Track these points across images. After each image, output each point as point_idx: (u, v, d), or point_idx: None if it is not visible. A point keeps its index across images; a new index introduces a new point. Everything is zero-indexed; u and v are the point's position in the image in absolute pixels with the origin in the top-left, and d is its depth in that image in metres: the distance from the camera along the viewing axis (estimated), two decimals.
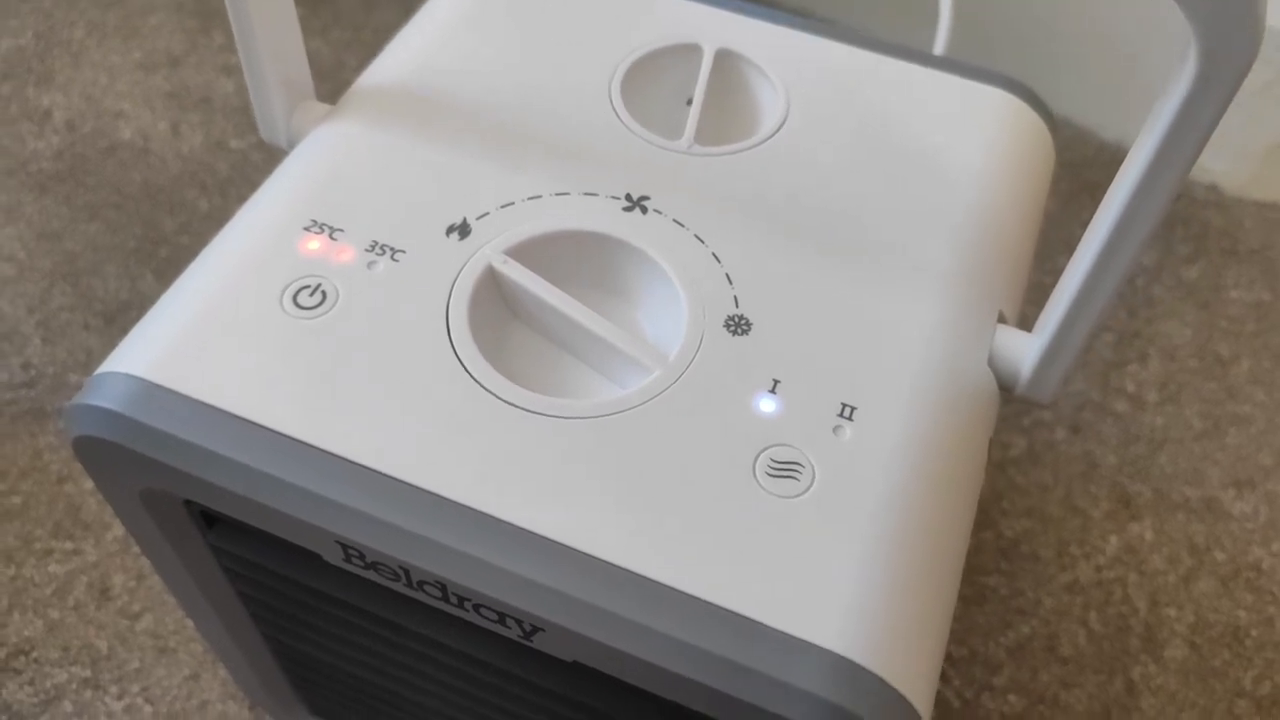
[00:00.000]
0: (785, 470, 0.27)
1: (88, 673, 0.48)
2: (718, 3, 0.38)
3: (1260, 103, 0.66)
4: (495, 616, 0.26)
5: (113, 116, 0.69)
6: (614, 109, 0.35)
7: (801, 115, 0.35)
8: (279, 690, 0.42)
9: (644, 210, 0.32)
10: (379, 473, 0.26)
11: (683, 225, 0.32)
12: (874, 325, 0.30)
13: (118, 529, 0.52)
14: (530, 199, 0.32)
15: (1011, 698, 0.49)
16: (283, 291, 0.29)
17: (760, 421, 0.28)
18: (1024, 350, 0.31)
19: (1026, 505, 0.55)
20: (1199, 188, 0.70)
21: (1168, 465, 0.57)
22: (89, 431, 0.28)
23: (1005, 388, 0.31)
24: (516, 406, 0.27)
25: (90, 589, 0.50)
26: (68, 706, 0.47)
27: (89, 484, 0.53)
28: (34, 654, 0.48)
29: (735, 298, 0.30)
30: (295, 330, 0.28)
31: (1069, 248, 0.65)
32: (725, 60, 0.37)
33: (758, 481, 0.27)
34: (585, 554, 0.25)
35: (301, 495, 0.26)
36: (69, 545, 0.51)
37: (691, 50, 0.37)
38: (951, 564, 0.28)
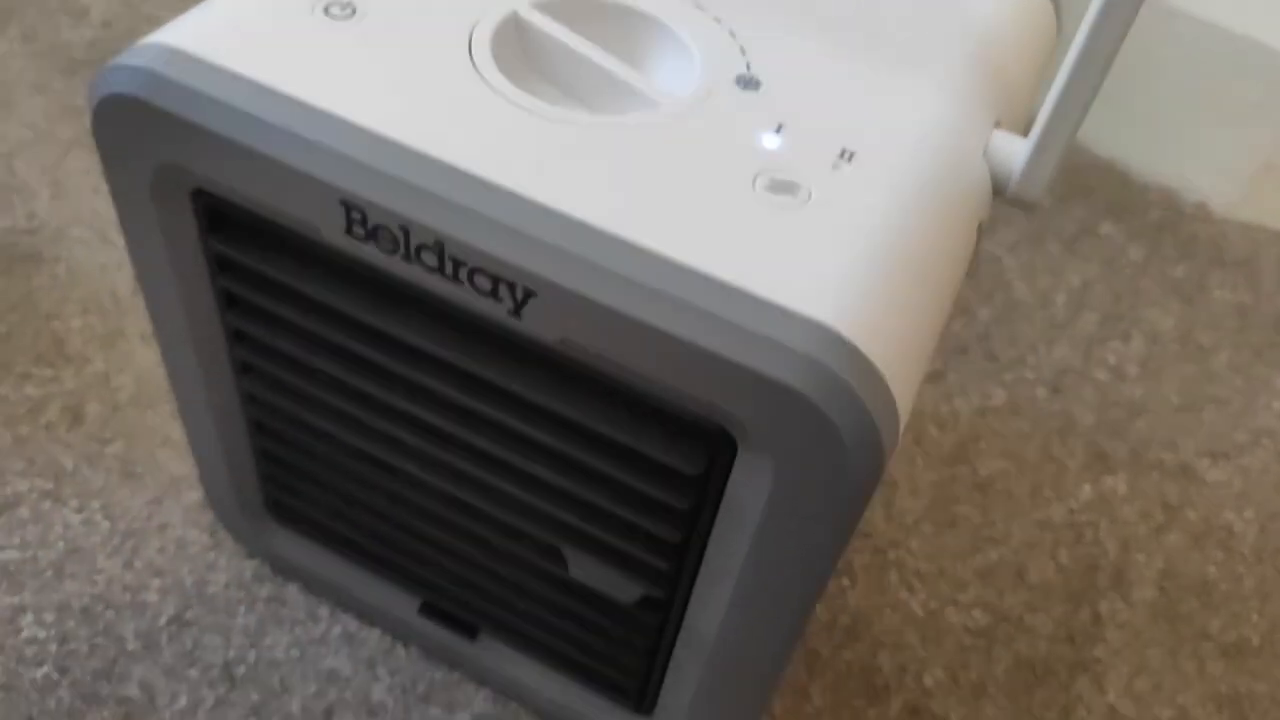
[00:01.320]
0: (782, 188, 0.28)
1: (49, 485, 0.47)
2: None
3: (1249, 122, 0.68)
4: (489, 286, 0.27)
5: (146, 20, 0.71)
6: None
7: None
8: (245, 489, 0.42)
9: None
10: (389, 138, 0.27)
11: (701, 7, 0.33)
12: (879, 98, 0.31)
13: (98, 363, 0.52)
14: None
15: (976, 614, 0.49)
16: (317, 3, 0.30)
17: (762, 151, 0.29)
18: (1016, 151, 0.32)
19: (1003, 448, 0.55)
20: (1187, 204, 0.72)
21: (1145, 431, 0.58)
22: (123, 89, 0.28)
23: (999, 190, 0.33)
24: (526, 110, 0.28)
25: (64, 413, 0.50)
26: (24, 513, 0.46)
27: (75, 321, 0.53)
28: None
29: (748, 63, 0.31)
30: (325, 28, 0.30)
31: (1061, 236, 0.67)
32: None
33: (754, 192, 0.27)
34: (582, 220, 0.26)
35: (315, 150, 0.27)
36: (49, 372, 0.51)
37: None
38: (932, 287, 0.28)
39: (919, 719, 0.45)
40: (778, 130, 0.29)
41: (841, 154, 0.29)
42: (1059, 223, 0.68)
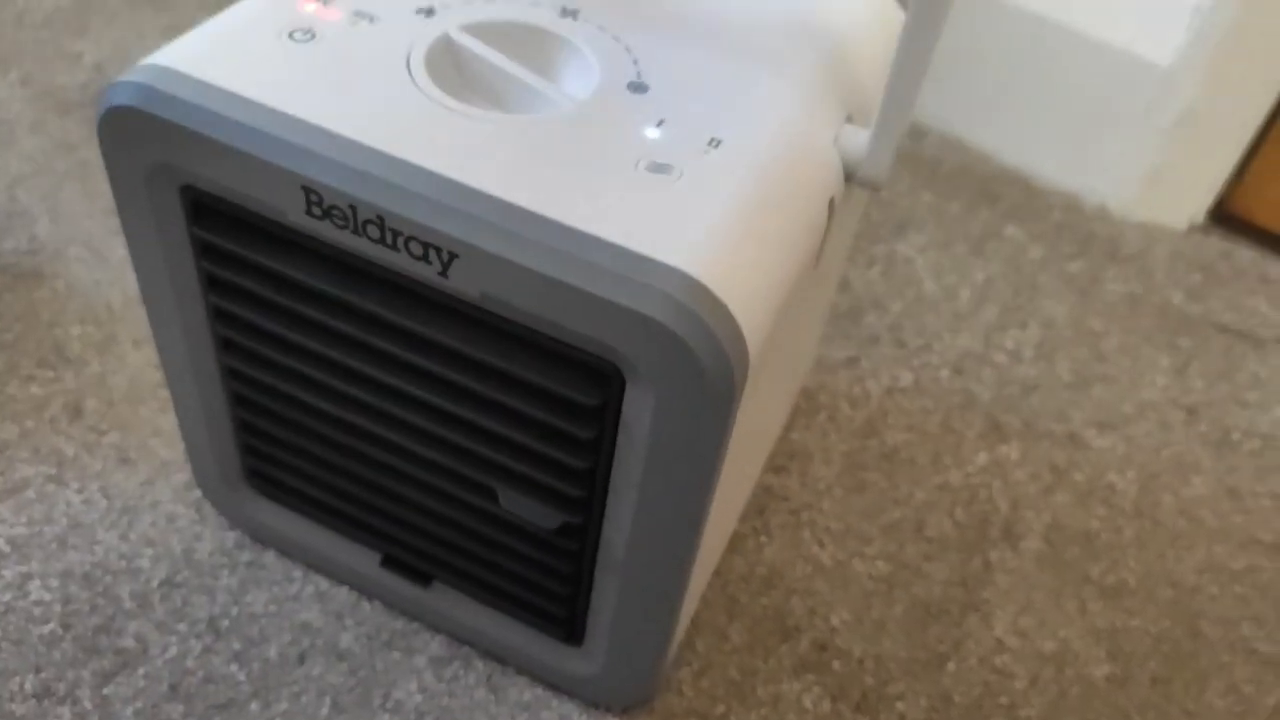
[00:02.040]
0: (659, 169, 0.34)
1: (53, 470, 0.53)
2: None
3: (1137, 130, 0.76)
4: (421, 251, 0.33)
5: (134, 63, 0.78)
6: None
7: None
8: (227, 460, 0.48)
9: (574, 18, 0.40)
10: (340, 134, 0.33)
11: (604, 29, 0.40)
12: (745, 97, 0.38)
13: (95, 365, 0.57)
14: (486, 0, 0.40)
15: (879, 563, 0.55)
16: (281, 31, 0.37)
17: (645, 140, 0.35)
18: (860, 141, 0.39)
19: (908, 423, 0.62)
20: (1089, 205, 0.79)
21: (1037, 405, 0.64)
22: (124, 102, 0.35)
23: (850, 173, 0.39)
24: (452, 110, 0.35)
25: (66, 408, 0.55)
26: (31, 494, 0.52)
27: (74, 329, 0.59)
28: (6, 453, 0.53)
29: (638, 71, 0.38)
30: (289, 49, 0.36)
31: (968, 239, 0.74)
32: None
33: (636, 172, 0.34)
34: (496, 196, 0.32)
35: (280, 145, 0.33)
36: (50, 374, 0.57)
37: None
38: (780, 247, 0.35)
39: (825, 653, 0.51)
40: (659, 124, 0.36)
41: (710, 142, 0.36)
42: (967, 227, 0.75)
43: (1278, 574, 0.58)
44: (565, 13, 0.40)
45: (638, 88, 0.37)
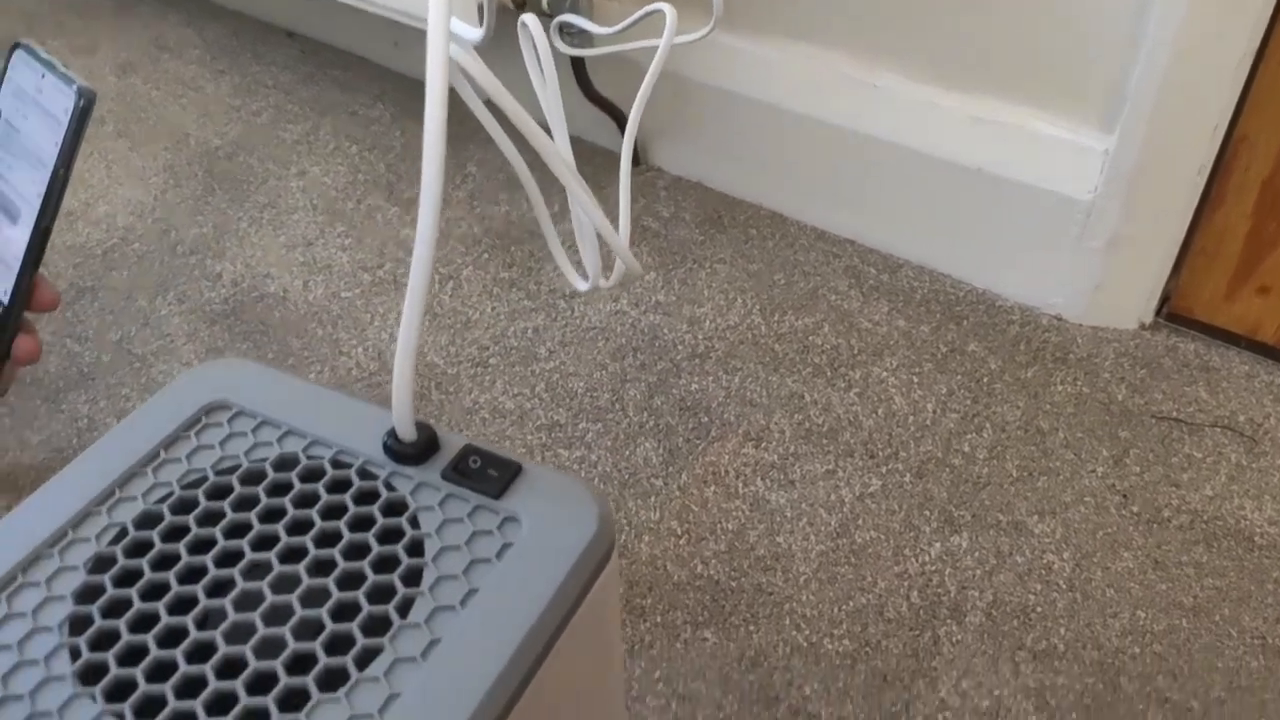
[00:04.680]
0: None
1: None
2: None
3: (1075, 254, 0.89)
4: None
5: (263, 277, 0.99)
6: None
7: None
8: None
9: None
10: None
11: None
12: None
13: None
14: None
15: (845, 642, 0.69)
16: None
17: None
18: None
19: (875, 523, 0.76)
20: (1045, 317, 0.92)
21: (987, 500, 0.77)
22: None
23: None
24: None
25: None
26: None
27: None
28: None
29: None
30: None
31: (934, 357, 0.88)
32: None
33: None
34: None
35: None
36: None
37: None
38: None
39: (798, 717, 0.65)
40: None
41: None
42: (934, 346, 0.89)
43: (1194, 633, 0.69)
44: None
45: None
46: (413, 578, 0.42)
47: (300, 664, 0.39)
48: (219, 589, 0.41)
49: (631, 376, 0.88)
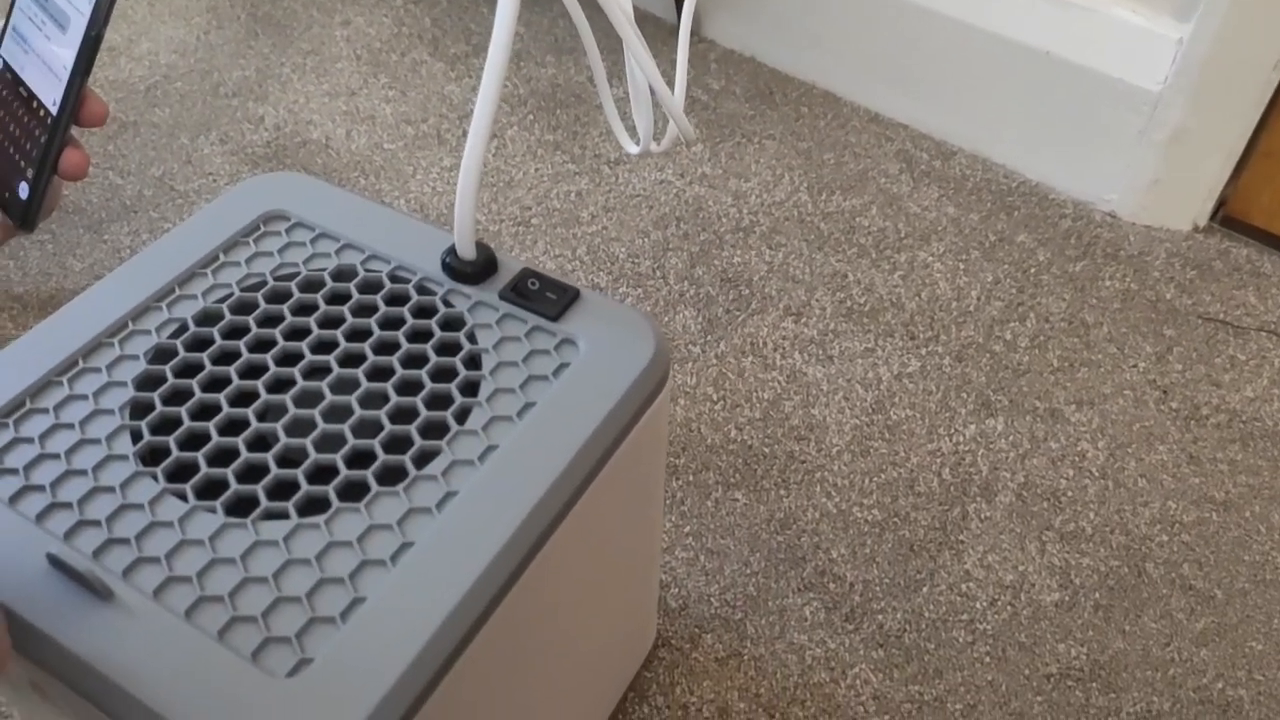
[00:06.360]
0: None
1: None
2: None
3: (1136, 148, 0.87)
4: None
5: (305, 124, 0.98)
6: None
7: None
8: None
9: None
10: None
11: None
12: None
13: None
14: None
15: (874, 511, 0.69)
16: None
17: None
18: None
19: (910, 402, 0.76)
20: (1098, 213, 0.91)
21: (1025, 387, 0.77)
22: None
23: None
24: None
25: None
26: None
27: None
28: None
29: None
30: None
31: (982, 245, 0.86)
32: None
33: None
34: None
35: None
36: None
37: None
38: None
39: (824, 577, 0.66)
40: None
41: None
42: (981, 235, 0.88)
43: (1224, 526, 0.70)
44: None
45: None
46: (470, 389, 0.42)
47: (360, 459, 0.39)
48: (279, 386, 0.41)
49: (674, 245, 0.87)
